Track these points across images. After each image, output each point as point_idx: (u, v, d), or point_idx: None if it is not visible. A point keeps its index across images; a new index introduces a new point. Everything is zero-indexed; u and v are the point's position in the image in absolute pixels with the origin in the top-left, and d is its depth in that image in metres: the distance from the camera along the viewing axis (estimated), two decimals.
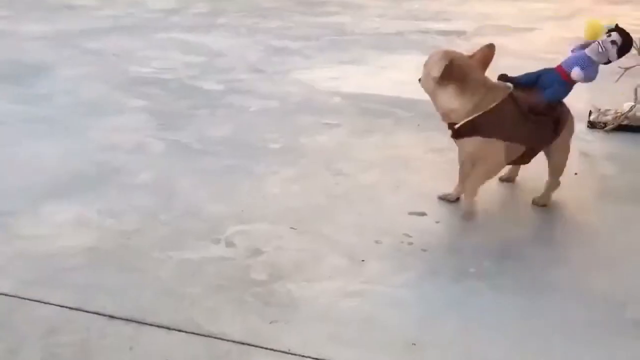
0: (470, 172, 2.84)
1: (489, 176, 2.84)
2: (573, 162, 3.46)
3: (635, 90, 4.11)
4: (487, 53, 2.75)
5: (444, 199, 2.99)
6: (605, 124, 4.09)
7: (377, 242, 2.67)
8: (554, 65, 2.88)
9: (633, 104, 4.09)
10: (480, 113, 2.68)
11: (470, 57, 2.77)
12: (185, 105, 4.25)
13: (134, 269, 2.42)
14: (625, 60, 3.81)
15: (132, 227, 2.71)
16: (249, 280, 2.38)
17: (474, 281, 2.42)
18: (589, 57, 2.79)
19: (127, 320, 2.14)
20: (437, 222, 2.84)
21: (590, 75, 2.80)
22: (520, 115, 2.72)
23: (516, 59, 5.55)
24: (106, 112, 4.07)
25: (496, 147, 2.73)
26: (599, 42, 2.78)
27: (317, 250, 2.59)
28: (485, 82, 2.73)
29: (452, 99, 2.69)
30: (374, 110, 4.26)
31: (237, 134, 3.77)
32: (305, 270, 2.45)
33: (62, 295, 2.24)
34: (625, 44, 2.77)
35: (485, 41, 2.87)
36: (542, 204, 2.97)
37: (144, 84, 4.65)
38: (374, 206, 2.96)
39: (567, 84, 2.83)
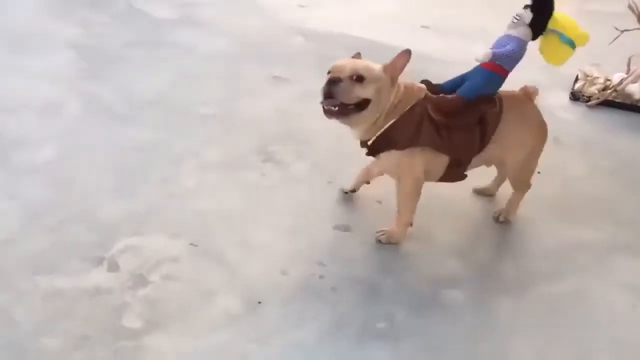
0: (397, 192, 2.45)
1: (417, 192, 2.43)
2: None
3: (629, 61, 3.62)
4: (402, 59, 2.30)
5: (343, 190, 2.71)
6: (589, 98, 3.63)
7: (283, 273, 2.33)
8: None
9: (624, 76, 3.61)
10: (390, 124, 2.30)
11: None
12: (124, 39, 3.79)
13: None
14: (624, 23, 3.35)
15: (7, 234, 2.37)
16: (119, 329, 2.07)
17: (380, 343, 2.11)
18: (507, 34, 2.37)
19: None
20: (361, 244, 2.49)
21: (508, 52, 2.33)
22: (432, 121, 2.30)
23: None
24: (32, 45, 3.63)
25: (416, 158, 2.33)
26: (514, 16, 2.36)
27: (211, 283, 2.26)
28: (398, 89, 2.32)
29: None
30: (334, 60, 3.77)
31: (170, 90, 3.35)
32: (188, 317, 2.14)
33: None
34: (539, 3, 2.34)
35: None
36: (502, 220, 2.63)
37: (90, 4, 4.16)
38: (297, 214, 2.60)
39: (493, 75, 2.35)
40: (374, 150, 2.36)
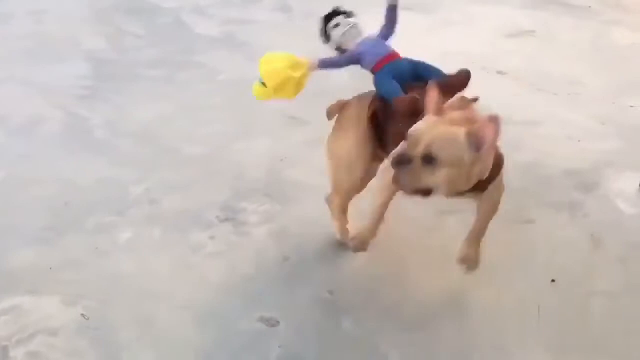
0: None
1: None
2: (571, 250, 2.48)
3: None
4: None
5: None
6: None
7: None
8: None
9: None
10: None
11: None
12: (148, 57, 3.53)
13: None
14: None
15: None
16: None
17: None
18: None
19: None
20: (280, 347, 2.04)
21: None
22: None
23: None
24: (47, 55, 3.46)
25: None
26: None
27: None
28: None
29: None
30: None
31: (165, 122, 3.04)
32: None
33: None
34: None
35: None
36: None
37: (134, 13, 3.94)
38: (223, 296, 2.20)
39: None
40: None
